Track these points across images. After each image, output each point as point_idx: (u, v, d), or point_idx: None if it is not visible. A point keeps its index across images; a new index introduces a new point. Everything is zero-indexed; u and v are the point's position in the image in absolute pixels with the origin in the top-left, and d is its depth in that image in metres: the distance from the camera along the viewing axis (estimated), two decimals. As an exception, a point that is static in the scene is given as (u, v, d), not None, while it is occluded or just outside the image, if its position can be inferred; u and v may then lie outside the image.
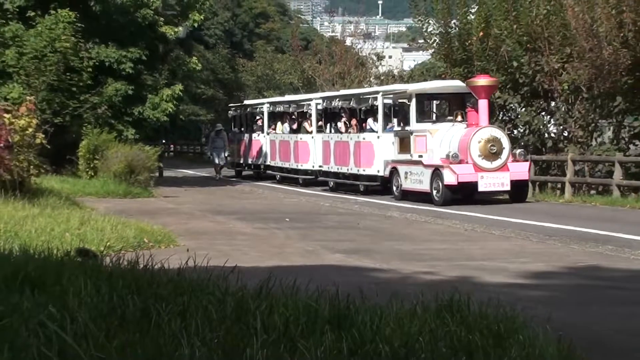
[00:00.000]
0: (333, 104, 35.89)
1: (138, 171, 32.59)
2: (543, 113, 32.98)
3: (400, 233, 20.25)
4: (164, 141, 77.26)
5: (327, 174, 35.84)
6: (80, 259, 11.11)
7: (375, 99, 31.90)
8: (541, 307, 9.52)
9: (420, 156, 27.40)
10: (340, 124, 34.99)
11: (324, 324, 7.05)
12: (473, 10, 37.41)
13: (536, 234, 19.41)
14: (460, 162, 25.71)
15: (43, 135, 25.46)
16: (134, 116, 37.44)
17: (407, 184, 28.31)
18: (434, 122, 29.14)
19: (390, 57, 72.76)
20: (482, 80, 26.61)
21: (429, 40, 40.46)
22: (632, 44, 27.20)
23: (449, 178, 25.49)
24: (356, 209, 27.38)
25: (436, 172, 26.18)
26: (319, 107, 37.36)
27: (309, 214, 25.78)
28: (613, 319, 9.99)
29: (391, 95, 31.47)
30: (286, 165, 40.27)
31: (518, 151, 27.09)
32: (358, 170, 32.52)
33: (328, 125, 36.27)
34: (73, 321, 6.56)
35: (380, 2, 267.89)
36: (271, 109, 43.65)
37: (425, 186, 26.97)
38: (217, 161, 46.00)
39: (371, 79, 55.32)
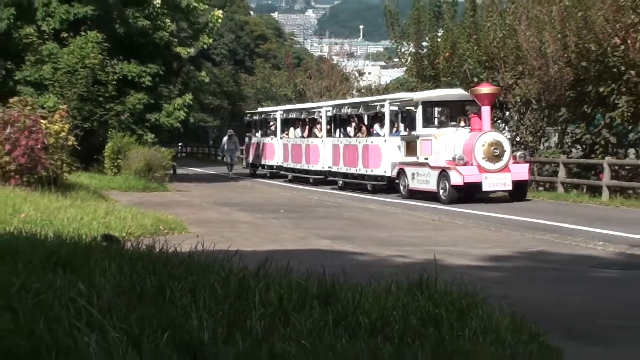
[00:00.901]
0: (342, 111, 34.21)
1: (155, 169, 32.65)
2: (499, 121, 32.99)
3: (378, 222, 20.27)
4: (180, 144, 77.47)
5: (336, 174, 33.98)
6: (106, 243, 11.09)
7: (383, 106, 30.37)
8: (498, 286, 9.53)
9: (426, 158, 25.92)
10: (350, 129, 33.22)
11: (313, 300, 7.04)
12: (440, 34, 37.51)
13: (494, 224, 19.44)
14: (466, 164, 24.21)
15: (74, 138, 25.59)
16: (151, 122, 37.49)
17: (414, 184, 26.61)
18: (438, 127, 27.44)
19: (369, 73, 72.72)
20: (485, 89, 25.03)
21: (402, 59, 40.59)
22: (575, 63, 27.23)
23: (456, 179, 24.08)
24: (340, 202, 27.36)
25: (443, 173, 24.75)
26: (329, 113, 35.61)
27: (300, 206, 25.79)
28: (558, 296, 10.01)
29: (398, 103, 29.72)
30: (298, 166, 38.30)
31: (518, 153, 25.64)
32: (366, 171, 30.72)
33: (337, 130, 34.54)
34: (99, 297, 6.55)
35: (361, 26, 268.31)
36: (284, 115, 41.79)
37: (431, 186, 25.40)
38: (229, 161, 45.70)
39: (354, 91, 55.33)
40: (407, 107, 28.26)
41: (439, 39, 37.35)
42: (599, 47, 26.25)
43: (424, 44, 38.20)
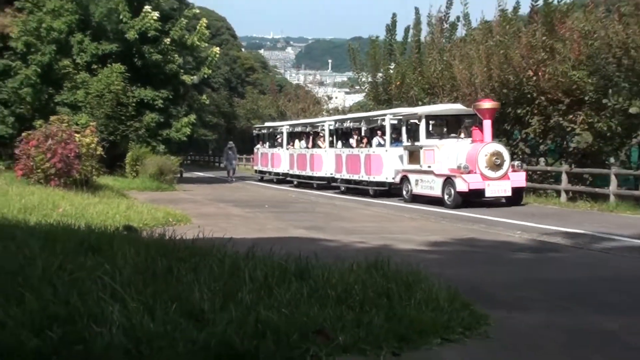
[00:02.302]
0: (344, 125, 31.43)
1: (166, 173, 32.62)
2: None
3: (343, 215, 20.26)
4: (191, 153, 77.19)
5: (339, 180, 30.84)
6: (126, 232, 11.06)
7: (384, 119, 27.50)
8: (436, 266, 9.55)
9: (429, 167, 23.25)
10: (352, 141, 29.99)
11: (291, 277, 7.04)
12: (392, 67, 37.62)
13: (433, 217, 19.48)
14: (470, 172, 21.62)
15: (101, 148, 25.83)
16: (163, 136, 37.60)
17: (418, 190, 23.94)
18: (440, 138, 24.24)
19: (336, 97, 72.55)
20: (486, 104, 22.32)
21: (362, 87, 40.79)
22: (497, 91, 27.30)
23: (461, 185, 21.48)
24: (313, 199, 27.34)
25: (448, 181, 22.12)
26: (331, 127, 32.75)
27: (281, 202, 25.74)
28: (483, 273, 10.05)
29: (400, 117, 26.46)
30: (303, 173, 35.06)
31: (516, 163, 22.76)
32: (368, 178, 27.91)
33: (339, 141, 31.73)
34: (120, 275, 6.53)
35: (330, 61, 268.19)
36: (290, 129, 38.52)
37: (436, 192, 22.71)
38: (229, 168, 44.49)
39: (324, 112, 55.16)
40: (411, 120, 25.27)
41: (391, 71, 37.51)
42: (516, 78, 26.39)
43: (379, 74, 38.36)
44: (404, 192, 24.96)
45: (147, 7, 36.96)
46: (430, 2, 35.72)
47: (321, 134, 34.11)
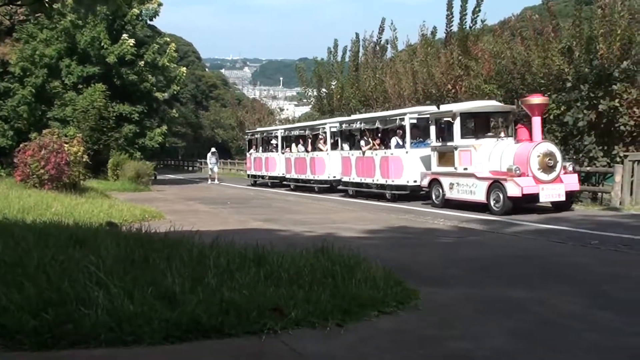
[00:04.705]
0: (353, 126, 25.34)
1: (142, 176, 32.44)
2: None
3: (295, 209, 20.23)
4: (169, 159, 76.32)
5: (347, 183, 25.09)
6: (108, 227, 10.94)
7: (403, 119, 22.00)
8: (373, 250, 9.59)
9: (466, 169, 18.19)
10: (363, 142, 24.08)
11: (250, 262, 7.04)
12: (334, 83, 37.75)
13: (371, 209, 19.56)
14: (521, 175, 16.47)
15: (87, 156, 25.71)
16: (139, 144, 37.86)
17: (453, 194, 18.59)
18: (476, 138, 18.87)
19: (287, 109, 72.57)
20: (536, 99, 17.18)
21: (309, 100, 40.89)
22: (422, 102, 27.50)
23: (513, 190, 16.37)
24: (269, 196, 27.27)
25: (496, 184, 16.96)
26: (333, 129, 27.05)
27: (241, 199, 25.63)
28: (413, 255, 10.12)
29: (427, 115, 20.76)
30: (302, 176, 29.16)
31: (568, 164, 17.56)
32: (386, 181, 22.44)
33: (345, 144, 25.80)
34: (104, 264, 6.46)
35: (281, 78, 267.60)
36: (285, 133, 32.62)
37: (478, 197, 17.48)
38: (210, 172, 41.29)
39: (276, 121, 54.98)
40: (444, 119, 19.54)
41: (332, 86, 37.63)
42: (438, 91, 26.64)
43: (323, 89, 38.46)
44: (434, 197, 19.60)
45: (125, 36, 37.32)
46: (365, 28, 35.98)
47: (321, 137, 28.74)
